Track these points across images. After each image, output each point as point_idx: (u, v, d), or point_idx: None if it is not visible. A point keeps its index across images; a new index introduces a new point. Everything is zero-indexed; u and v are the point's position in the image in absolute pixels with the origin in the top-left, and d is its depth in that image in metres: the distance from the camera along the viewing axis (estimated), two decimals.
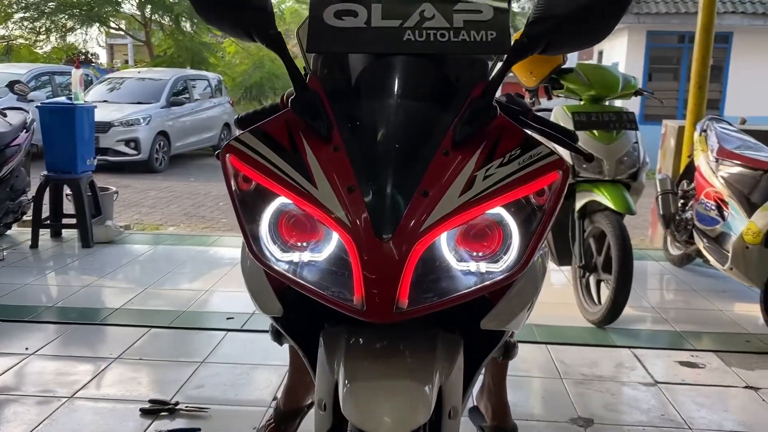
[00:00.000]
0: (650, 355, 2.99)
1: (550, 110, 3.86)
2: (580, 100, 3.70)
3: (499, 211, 1.10)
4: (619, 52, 13.32)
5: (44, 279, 4.04)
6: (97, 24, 18.88)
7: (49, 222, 4.90)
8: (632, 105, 12.63)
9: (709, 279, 4.21)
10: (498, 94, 1.78)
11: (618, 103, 6.87)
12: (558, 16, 1.12)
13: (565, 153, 3.42)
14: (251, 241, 1.12)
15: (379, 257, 1.02)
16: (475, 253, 1.12)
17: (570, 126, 3.50)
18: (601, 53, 14.97)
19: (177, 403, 2.39)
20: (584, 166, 3.45)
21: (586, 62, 3.73)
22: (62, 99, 4.99)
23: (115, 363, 2.76)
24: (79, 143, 4.71)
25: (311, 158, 1.10)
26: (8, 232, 5.02)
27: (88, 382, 2.57)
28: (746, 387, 2.69)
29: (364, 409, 1.07)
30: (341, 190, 1.06)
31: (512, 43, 1.14)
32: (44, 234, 4.91)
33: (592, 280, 3.52)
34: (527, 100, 3.91)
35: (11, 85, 4.55)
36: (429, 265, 1.11)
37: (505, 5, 1.18)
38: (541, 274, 1.35)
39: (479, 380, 2.25)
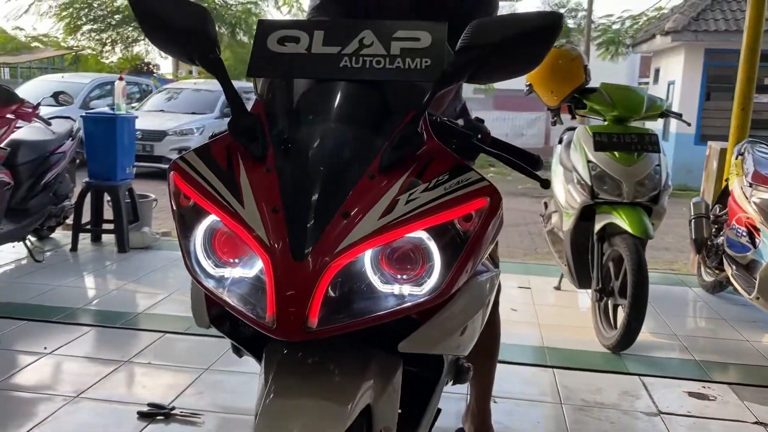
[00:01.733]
0: (660, 384, 2.91)
1: (574, 129, 3.82)
2: (604, 120, 3.65)
3: (421, 235, 1.11)
4: (676, 70, 12.98)
5: (77, 282, 4.21)
6: None
7: (89, 227, 5.10)
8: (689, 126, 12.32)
9: (740, 308, 4.06)
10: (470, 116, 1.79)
11: (666, 123, 6.72)
12: (484, 45, 1.13)
13: (585, 172, 3.40)
14: (185, 255, 1.17)
15: (292, 276, 1.04)
16: (399, 276, 1.13)
17: (590, 146, 3.46)
18: (657, 71, 14.63)
19: (173, 408, 2.46)
20: (604, 187, 3.39)
21: (611, 82, 3.67)
22: (105, 109, 5.20)
23: (124, 366, 2.87)
24: (119, 152, 4.91)
25: (244, 179, 1.14)
26: (52, 236, 5.26)
27: (95, 383, 2.68)
28: (756, 423, 2.58)
29: (273, 425, 1.09)
30: (265, 211, 1.09)
31: (440, 72, 1.15)
32: (85, 238, 5.12)
33: (609, 304, 3.44)
34: (549, 118, 3.88)
35: (56, 96, 4.78)
36: (353, 286, 1.14)
37: (444, 31, 1.20)
38: (484, 299, 1.34)
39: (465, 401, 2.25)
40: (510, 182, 13.50)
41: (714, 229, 4.29)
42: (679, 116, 3.98)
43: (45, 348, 3.01)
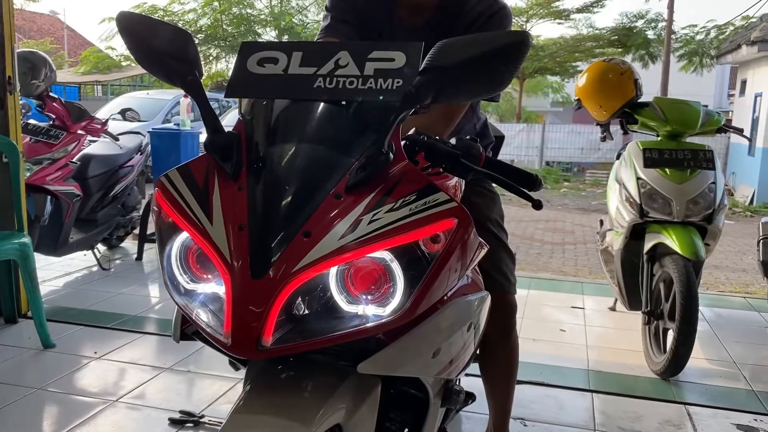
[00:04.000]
0: (706, 414, 2.75)
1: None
2: (657, 135, 3.51)
3: (384, 255, 1.11)
4: (763, 82, 12.32)
5: (137, 290, 4.40)
6: None
7: (154, 237, 5.33)
8: None
9: None
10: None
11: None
12: (445, 66, 1.11)
13: (634, 189, 3.27)
14: (162, 271, 1.21)
15: (249, 294, 1.06)
16: (364, 296, 1.13)
17: (640, 162, 3.34)
18: (744, 82, 13.94)
19: (203, 416, 2.53)
20: (654, 205, 3.26)
21: (664, 97, 3.53)
22: (170, 125, 5.44)
23: (164, 372, 2.97)
24: None
25: (216, 197, 1.17)
26: (122, 245, 5.53)
27: (135, 388, 2.79)
28: None
29: None
30: (232, 229, 1.12)
31: (403, 93, 1.14)
32: (151, 248, 5.34)
33: (659, 327, 3.29)
34: (599, 134, 3.77)
35: (123, 113, 5.04)
36: (317, 305, 1.14)
37: (418, 52, 1.19)
38: (464, 321, 1.31)
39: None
40: (583, 198, 13.17)
41: None
42: (739, 131, 3.78)
43: (95, 353, 3.16)
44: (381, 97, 1.16)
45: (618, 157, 3.95)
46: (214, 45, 19.06)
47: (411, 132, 1.35)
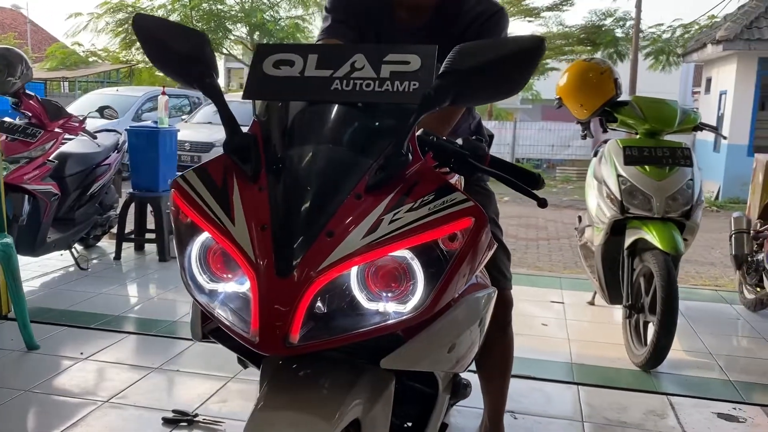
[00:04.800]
0: (688, 404, 2.84)
1: (606, 141, 3.78)
2: (636, 133, 3.60)
3: (405, 254, 1.14)
4: (728, 80, 12.63)
5: (118, 289, 4.36)
6: None
7: (132, 236, 5.28)
8: (741, 135, 11.93)
9: None
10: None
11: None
12: (464, 70, 1.15)
13: (615, 186, 3.35)
14: (181, 270, 1.22)
15: (275, 292, 1.08)
16: (384, 294, 1.16)
17: (621, 160, 3.42)
18: (709, 81, 14.27)
19: (196, 415, 2.53)
20: (634, 202, 3.35)
21: (643, 95, 3.62)
22: (148, 123, 5.38)
23: (154, 372, 2.96)
24: (162, 164, 5.07)
25: (236, 197, 1.19)
26: (99, 244, 5.46)
27: (126, 388, 2.77)
28: None
29: None
30: (254, 229, 1.14)
31: (422, 96, 1.17)
32: (129, 247, 5.29)
33: (639, 320, 3.38)
34: (579, 132, 3.85)
35: (101, 111, 4.98)
36: (339, 303, 1.17)
37: (433, 55, 1.22)
38: (474, 317, 1.35)
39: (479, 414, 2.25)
40: (554, 194, 13.34)
41: (755, 245, 4.17)
42: (714, 129, 3.90)
43: (81, 353, 3.13)
44: (398, 100, 1.19)
45: (595, 155, 4.04)
46: None
47: (419, 132, 1.38)
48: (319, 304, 1.15)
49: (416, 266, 1.14)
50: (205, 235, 1.21)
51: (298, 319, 1.08)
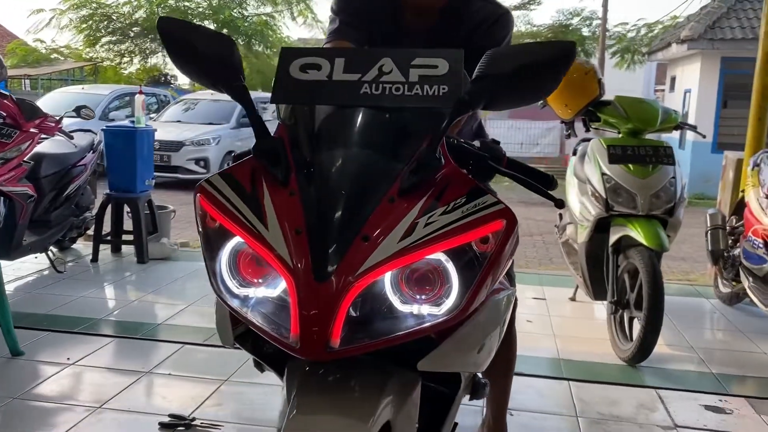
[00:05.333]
0: (676, 396, 2.91)
1: (589, 140, 3.84)
2: (619, 132, 3.67)
3: (439, 256, 1.15)
4: (692, 78, 12.93)
5: (98, 292, 4.29)
6: None
7: (109, 238, 5.19)
8: (706, 133, 12.24)
9: (758, 320, 4.04)
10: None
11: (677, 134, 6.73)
12: (499, 74, 1.16)
13: (599, 185, 3.41)
14: (211, 276, 1.21)
15: (315, 297, 1.08)
16: (418, 296, 1.17)
17: (605, 158, 3.48)
18: (673, 79, 14.57)
19: (193, 419, 2.50)
20: (618, 200, 3.41)
21: (625, 95, 3.69)
22: (125, 122, 5.30)
23: (145, 377, 2.92)
24: (139, 164, 5.00)
25: (268, 201, 1.18)
26: (73, 246, 5.35)
27: (117, 393, 2.73)
28: None
29: None
30: (289, 233, 1.13)
31: (456, 99, 1.19)
32: (105, 249, 5.20)
33: (625, 316, 3.45)
34: (563, 131, 3.90)
35: (78, 110, 4.87)
36: (373, 306, 1.17)
37: (461, 59, 1.23)
38: (500, 317, 1.37)
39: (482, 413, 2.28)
40: (526, 191, 13.49)
41: (731, 241, 4.29)
42: (694, 128, 4.00)
43: (68, 359, 3.07)
44: (428, 104, 1.20)
45: (574, 153, 4.10)
46: (150, 38, 18.54)
47: None
48: (354, 307, 1.16)
49: (451, 269, 1.15)
50: (235, 240, 1.20)
51: (339, 323, 1.08)
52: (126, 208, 5.14)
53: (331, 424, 1.14)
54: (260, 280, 1.22)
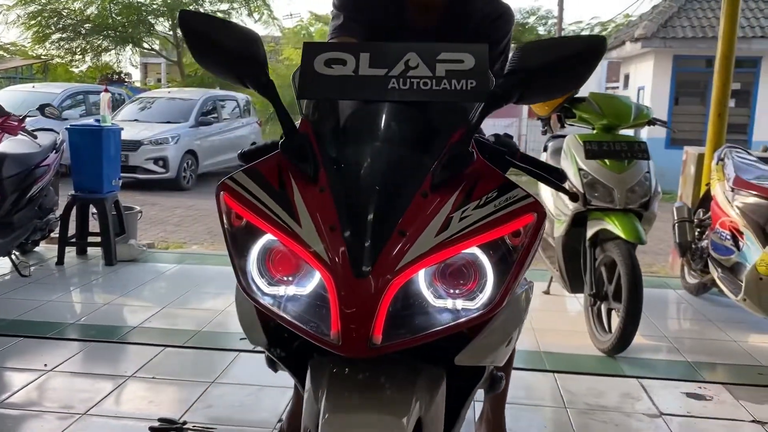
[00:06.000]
0: (658, 385, 2.99)
1: (564, 136, 3.90)
2: (593, 128, 3.73)
3: (474, 251, 1.15)
4: (645, 76, 13.27)
5: (67, 296, 4.16)
6: (131, 44, 19.42)
7: (75, 240, 5.04)
8: (659, 130, 12.59)
9: (725, 309, 4.17)
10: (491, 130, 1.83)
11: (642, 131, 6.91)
12: (530, 69, 1.18)
13: (576, 180, 3.47)
14: (240, 275, 1.19)
15: (355, 294, 1.07)
16: (452, 291, 1.17)
17: (581, 154, 3.54)
18: (627, 77, 14.92)
19: (185, 423, 2.45)
20: (595, 194, 3.47)
21: (599, 92, 3.76)
22: (90, 121, 5.15)
23: (129, 381, 2.85)
24: (106, 164, 4.87)
25: (298, 198, 1.17)
26: (36, 249, 5.18)
27: (103, 399, 2.66)
28: (753, 421, 2.67)
29: None
30: (323, 229, 1.12)
31: (489, 94, 1.19)
32: (70, 251, 5.05)
33: (603, 308, 3.52)
34: (540, 128, 3.96)
35: (42, 109, 4.73)
36: (407, 301, 1.17)
37: (485, 53, 1.24)
38: (524, 310, 1.39)
39: (479, 408, 2.30)
40: None
41: (698, 233, 4.42)
42: (665, 123, 4.10)
43: (45, 365, 2.97)
44: (458, 99, 1.20)
45: (545, 150, 4.17)
46: (103, 36, 18.07)
47: None
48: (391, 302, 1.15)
49: (485, 262, 1.15)
50: (266, 238, 1.18)
51: (380, 320, 1.08)
52: (92, 209, 5.00)
53: (370, 422, 1.13)
54: (289, 278, 1.20)
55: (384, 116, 1.26)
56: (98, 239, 4.93)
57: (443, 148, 1.21)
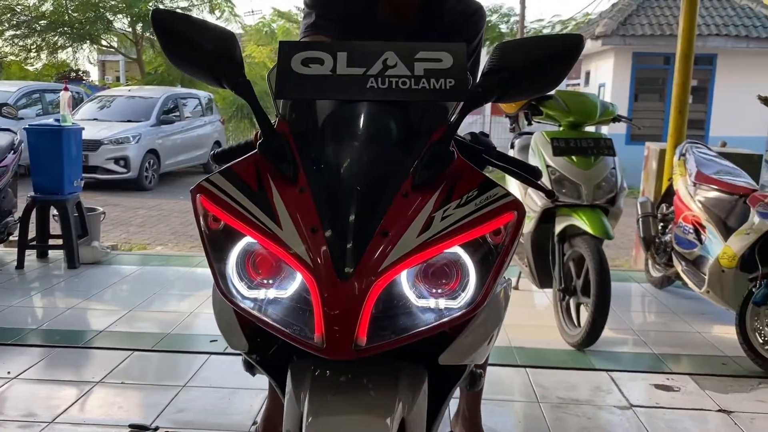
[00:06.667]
0: (627, 378, 3.04)
1: (531, 134, 3.94)
2: (560, 126, 3.78)
3: (456, 250, 1.15)
4: (606, 73, 13.50)
5: (29, 301, 4.05)
6: (88, 42, 18.98)
7: (35, 243, 4.91)
8: (619, 125, 12.83)
9: (688, 301, 4.27)
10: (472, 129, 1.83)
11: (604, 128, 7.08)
12: (510, 68, 1.18)
13: (544, 176, 3.51)
14: (219, 278, 1.17)
15: (339, 296, 1.06)
16: (434, 290, 1.17)
17: (549, 151, 3.58)
18: (588, 74, 15.15)
19: (157, 428, 2.41)
20: (563, 190, 3.52)
21: (565, 89, 3.81)
22: (50, 121, 5.01)
23: (97, 386, 2.78)
24: (67, 165, 4.75)
25: (277, 199, 1.15)
26: None
27: (70, 406, 2.59)
28: (719, 411, 2.73)
29: None
30: (304, 231, 1.11)
31: (470, 93, 1.19)
32: (30, 255, 4.91)
33: (572, 303, 3.57)
34: (508, 125, 3.99)
35: None
36: (389, 302, 1.16)
37: (463, 51, 1.24)
38: (503, 307, 1.39)
39: (454, 405, 2.30)
40: None
41: (661, 227, 4.51)
42: (629, 120, 4.17)
43: (9, 372, 2.88)
44: (437, 98, 1.20)
45: (512, 147, 4.20)
46: (58, 33, 17.62)
47: None
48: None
49: (467, 261, 1.15)
50: (245, 241, 1.16)
51: (365, 321, 1.07)
52: (53, 211, 4.88)
53: (353, 424, 1.12)
54: (269, 281, 1.18)
55: (363, 116, 1.24)
56: (60, 242, 4.81)
57: (423, 147, 1.20)
